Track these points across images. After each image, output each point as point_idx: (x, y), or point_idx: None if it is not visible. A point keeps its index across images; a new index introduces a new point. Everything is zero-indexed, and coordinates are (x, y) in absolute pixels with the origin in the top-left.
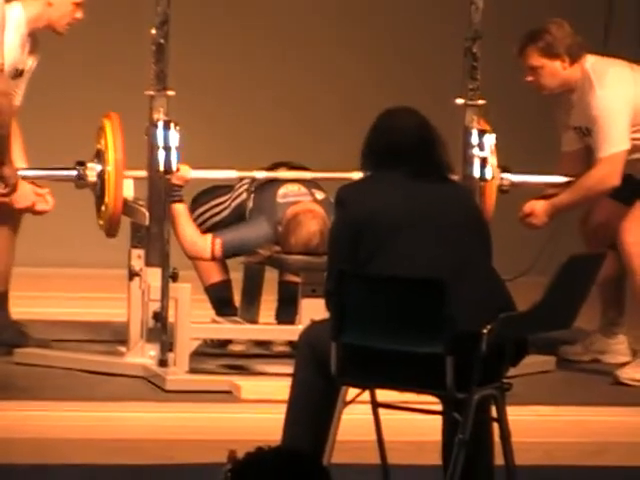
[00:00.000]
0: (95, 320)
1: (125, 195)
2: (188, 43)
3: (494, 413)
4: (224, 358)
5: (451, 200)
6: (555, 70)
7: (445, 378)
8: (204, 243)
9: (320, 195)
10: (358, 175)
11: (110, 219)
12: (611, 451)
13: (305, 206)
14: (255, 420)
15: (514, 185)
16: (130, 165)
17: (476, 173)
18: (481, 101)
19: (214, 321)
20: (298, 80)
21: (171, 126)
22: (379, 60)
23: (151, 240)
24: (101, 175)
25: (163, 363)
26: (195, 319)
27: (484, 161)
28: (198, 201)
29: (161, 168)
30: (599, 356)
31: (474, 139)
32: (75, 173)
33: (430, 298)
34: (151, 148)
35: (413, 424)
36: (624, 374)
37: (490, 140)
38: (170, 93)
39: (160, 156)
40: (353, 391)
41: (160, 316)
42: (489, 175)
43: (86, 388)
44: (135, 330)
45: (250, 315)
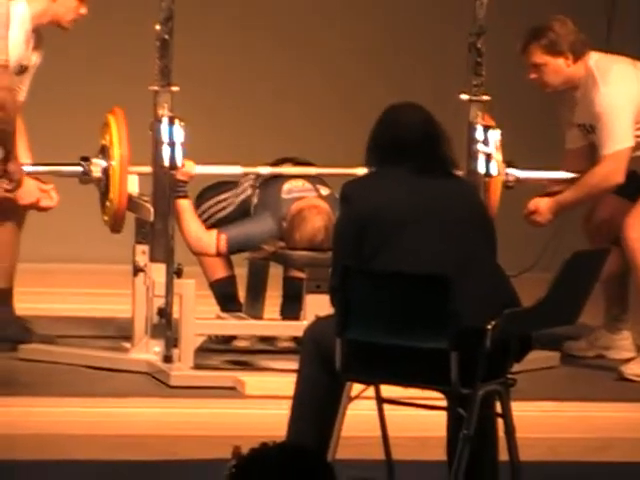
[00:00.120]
0: (99, 316)
1: (130, 191)
2: (192, 39)
3: (498, 409)
4: (229, 354)
5: (456, 196)
6: (558, 67)
7: (450, 374)
8: (209, 239)
9: (325, 191)
10: (363, 171)
11: (115, 215)
12: (615, 447)
13: (310, 202)
14: (259, 416)
15: (519, 181)
16: (135, 161)
17: (481, 169)
18: (486, 97)
19: (219, 317)
20: (303, 76)
21: (176, 122)
22: (384, 55)
23: (156, 236)
24: (106, 171)
25: (168, 359)
26: (200, 315)
27: (489, 157)
28: (203, 197)
29: (166, 164)
30: (603, 352)
31: (479, 135)
32: (80, 169)
33: (435, 294)
34: (156, 144)
35: (418, 420)
36: (629, 370)
37: (495, 136)
38: (174, 89)
39: (165, 152)
40: (358, 387)
41: (165, 312)
42: (494, 171)
43: (90, 384)
44: (140, 326)
45: (255, 311)
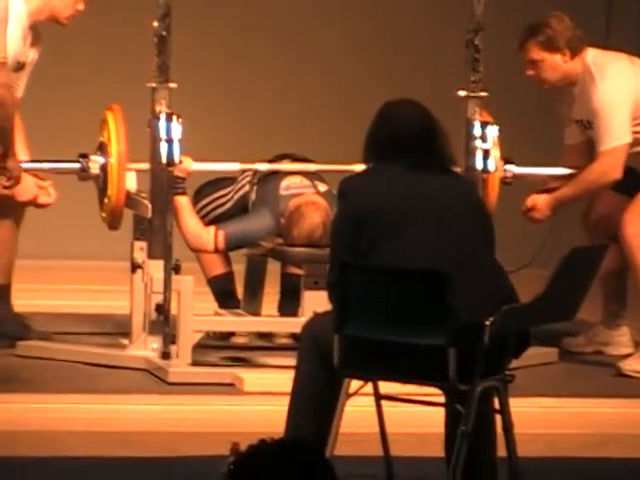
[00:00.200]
0: (97, 312)
1: (128, 187)
2: (190, 35)
3: (496, 405)
4: (227, 350)
5: (454, 192)
6: (556, 64)
7: (448, 370)
8: (207, 235)
9: (323, 187)
10: (360, 167)
11: (113, 211)
12: (613, 443)
13: (308, 198)
14: (258, 412)
15: (517, 177)
16: (133, 157)
17: (479, 165)
18: (483, 93)
19: (217, 313)
20: (300, 72)
21: (173, 118)
22: (381, 52)
23: (154, 232)
24: (104, 167)
25: (166, 355)
26: (198, 311)
27: (487, 153)
28: (201, 193)
29: (164, 160)
30: (602, 348)
31: (476, 131)
32: (78, 165)
33: (432, 290)
34: (153, 140)
35: (416, 416)
36: (627, 366)
37: (492, 132)
38: (172, 85)
39: (162, 148)
40: (356, 383)
41: (163, 308)
42: (492, 167)
43: (89, 381)
44: (138, 322)
45: (253, 307)
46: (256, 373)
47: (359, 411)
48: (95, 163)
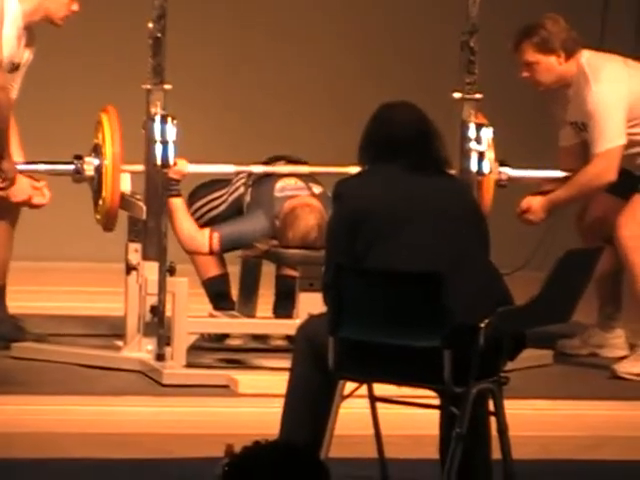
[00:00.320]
0: (92, 314)
1: (122, 189)
2: (185, 37)
3: (491, 407)
4: (221, 352)
5: (449, 193)
6: (550, 65)
7: (443, 372)
8: (202, 237)
9: (317, 189)
10: (355, 170)
11: (107, 213)
12: (608, 445)
13: (302, 200)
14: (252, 414)
15: (512, 180)
16: (127, 159)
17: (473, 167)
18: (478, 95)
19: (211, 315)
20: (295, 74)
21: (168, 120)
22: (377, 54)
23: (148, 234)
24: (98, 169)
25: (160, 357)
26: (192, 313)
27: (481, 155)
28: (195, 195)
29: (158, 162)
30: (597, 350)
31: (471, 133)
32: (72, 167)
33: (427, 292)
34: (148, 142)
35: (411, 418)
36: (621, 368)
37: (487, 134)
38: (167, 87)
39: (157, 150)
40: (350, 385)
41: (157, 310)
42: (486, 169)
43: (84, 382)
44: (132, 324)
45: (247, 309)
46: (251, 375)
47: (354, 413)
48: (90, 165)
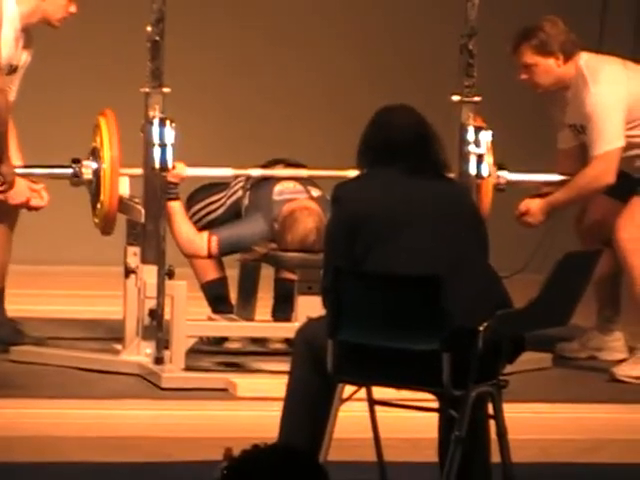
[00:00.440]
0: (91, 318)
1: (121, 193)
2: (184, 40)
3: (490, 410)
4: (220, 356)
5: (448, 197)
6: (549, 68)
7: (441, 375)
8: (200, 241)
9: (316, 192)
10: (354, 173)
11: (106, 217)
12: (607, 448)
13: (301, 203)
14: (251, 418)
15: (510, 184)
16: (126, 163)
17: (472, 170)
18: (477, 98)
19: (210, 319)
20: (294, 78)
21: (167, 123)
22: (375, 57)
23: (147, 237)
24: (97, 173)
25: (159, 361)
26: (191, 316)
27: (480, 158)
28: (194, 199)
29: (157, 165)
30: (595, 353)
31: (470, 136)
32: (70, 171)
33: (426, 295)
34: (147, 145)
35: (409, 421)
36: (620, 371)
37: (486, 137)
38: (166, 90)
39: (156, 153)
40: (349, 388)
41: (156, 313)
42: (485, 172)
43: (82, 386)
44: (131, 328)
45: (246, 312)
46: (249, 378)
47: (353, 416)
48: (88, 168)
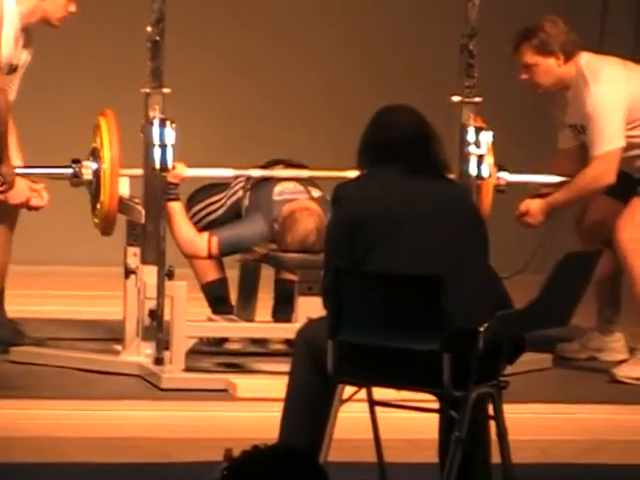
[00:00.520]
0: (91, 318)
1: (121, 193)
2: (184, 40)
3: (491, 411)
4: (220, 356)
5: (448, 197)
6: (550, 68)
7: (442, 376)
8: (200, 241)
9: (316, 193)
10: (354, 173)
11: (106, 217)
12: (607, 449)
13: (301, 204)
14: (251, 418)
15: (510, 185)
16: (126, 163)
17: (472, 171)
18: (478, 98)
19: (210, 319)
20: (294, 78)
21: (167, 124)
22: (376, 58)
23: (147, 238)
24: (97, 173)
25: (159, 361)
26: (191, 317)
27: (480, 158)
28: (194, 199)
29: (157, 166)
30: (596, 354)
31: (470, 137)
32: (70, 171)
33: (427, 295)
34: (147, 146)
35: (410, 422)
36: (621, 372)
37: (487, 138)
38: (166, 91)
39: (156, 154)
40: (350, 389)
41: (156, 314)
42: (485, 173)
43: (82, 386)
44: (131, 328)
45: (246, 313)
46: (250, 379)
47: (353, 417)
48: (88, 169)
